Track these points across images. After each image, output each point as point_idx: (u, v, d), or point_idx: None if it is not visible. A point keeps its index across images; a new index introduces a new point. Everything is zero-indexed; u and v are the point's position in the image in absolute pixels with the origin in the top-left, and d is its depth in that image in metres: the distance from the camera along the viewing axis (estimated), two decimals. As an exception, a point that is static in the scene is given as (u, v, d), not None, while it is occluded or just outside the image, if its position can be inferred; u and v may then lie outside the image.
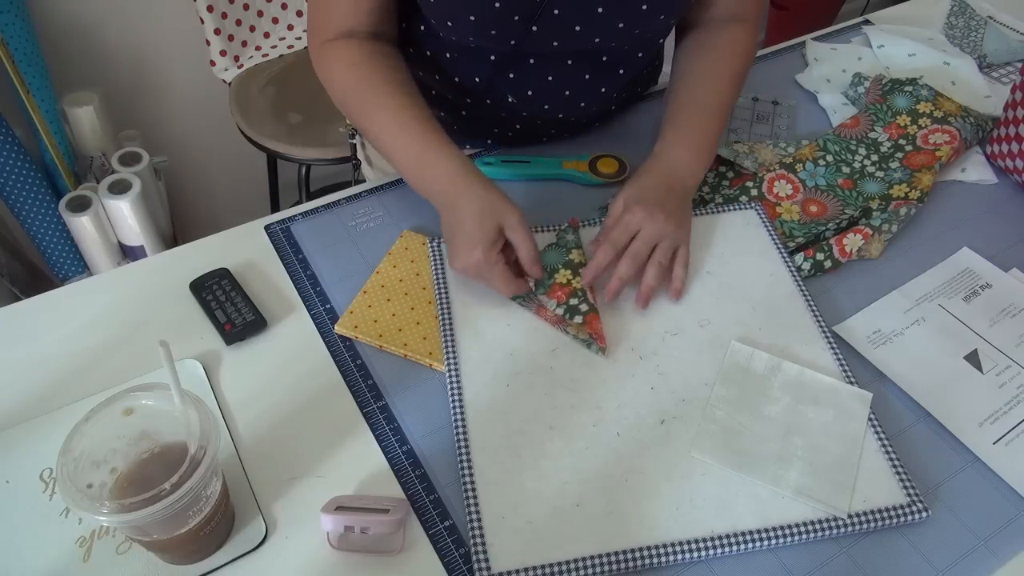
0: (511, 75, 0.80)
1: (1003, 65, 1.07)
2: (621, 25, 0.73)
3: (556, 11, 0.71)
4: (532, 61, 0.78)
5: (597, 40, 0.74)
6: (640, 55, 0.83)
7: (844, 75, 1.03)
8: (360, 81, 0.75)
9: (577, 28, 0.72)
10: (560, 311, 0.70)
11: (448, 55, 0.80)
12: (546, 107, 0.83)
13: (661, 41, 0.87)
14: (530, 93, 0.81)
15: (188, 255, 0.78)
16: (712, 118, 0.79)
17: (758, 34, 0.85)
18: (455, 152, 0.72)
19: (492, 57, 0.78)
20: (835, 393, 0.66)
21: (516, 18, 0.70)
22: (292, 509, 0.60)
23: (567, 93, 0.82)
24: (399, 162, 0.74)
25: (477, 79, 0.81)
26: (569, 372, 0.67)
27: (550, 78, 0.80)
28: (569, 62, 0.79)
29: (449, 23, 0.72)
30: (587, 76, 0.81)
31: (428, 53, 0.82)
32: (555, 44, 0.74)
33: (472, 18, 0.71)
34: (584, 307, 0.70)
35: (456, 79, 0.83)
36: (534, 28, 0.72)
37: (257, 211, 1.13)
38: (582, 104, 0.84)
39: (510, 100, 0.82)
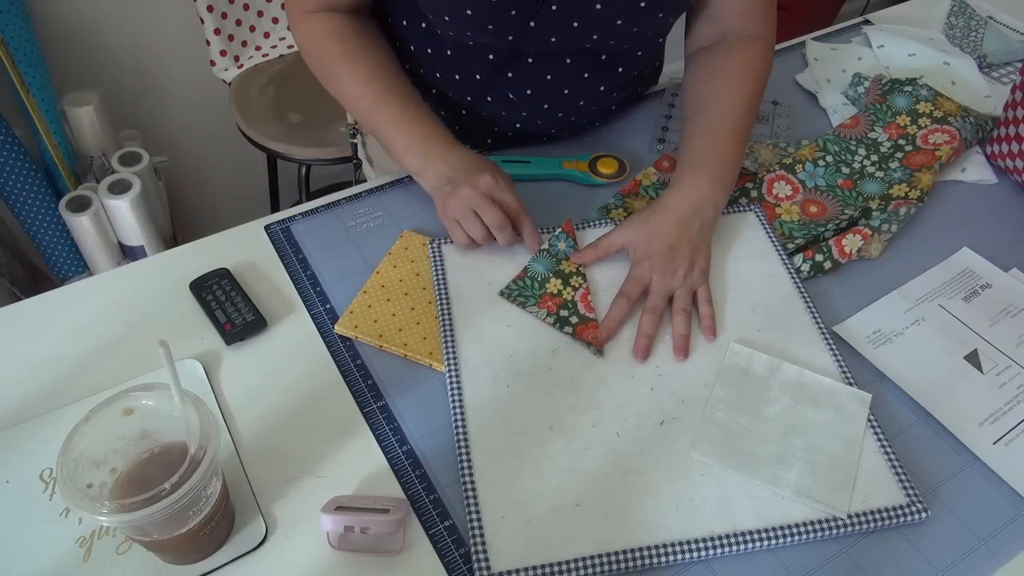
0: (510, 74, 0.80)
1: (1003, 65, 1.07)
2: (619, 22, 0.73)
3: (554, 6, 0.71)
4: (531, 60, 0.78)
5: (595, 37, 0.74)
6: (640, 54, 0.82)
7: (844, 75, 1.03)
8: (345, 53, 0.77)
9: (575, 24, 0.72)
10: (550, 321, 0.70)
11: (448, 53, 0.80)
12: (546, 106, 0.83)
13: (661, 40, 0.87)
14: (529, 92, 0.81)
15: (188, 255, 0.78)
16: (730, 146, 0.77)
17: (772, 51, 0.82)
18: (437, 120, 0.78)
19: (491, 56, 0.78)
20: (834, 394, 0.66)
21: (513, 13, 0.70)
22: (292, 509, 0.60)
23: (566, 92, 0.82)
24: (378, 126, 0.78)
25: (477, 76, 0.81)
26: (569, 373, 0.67)
27: (549, 77, 0.80)
28: (568, 61, 0.79)
29: (446, 18, 0.72)
30: (586, 75, 0.81)
31: (428, 51, 0.82)
32: (553, 40, 0.74)
33: (469, 12, 0.71)
34: (574, 319, 0.70)
35: (456, 77, 0.83)
36: (532, 23, 0.72)
37: (257, 211, 1.13)
38: (581, 103, 0.84)
39: (510, 98, 0.82)
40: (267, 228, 0.81)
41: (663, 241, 0.72)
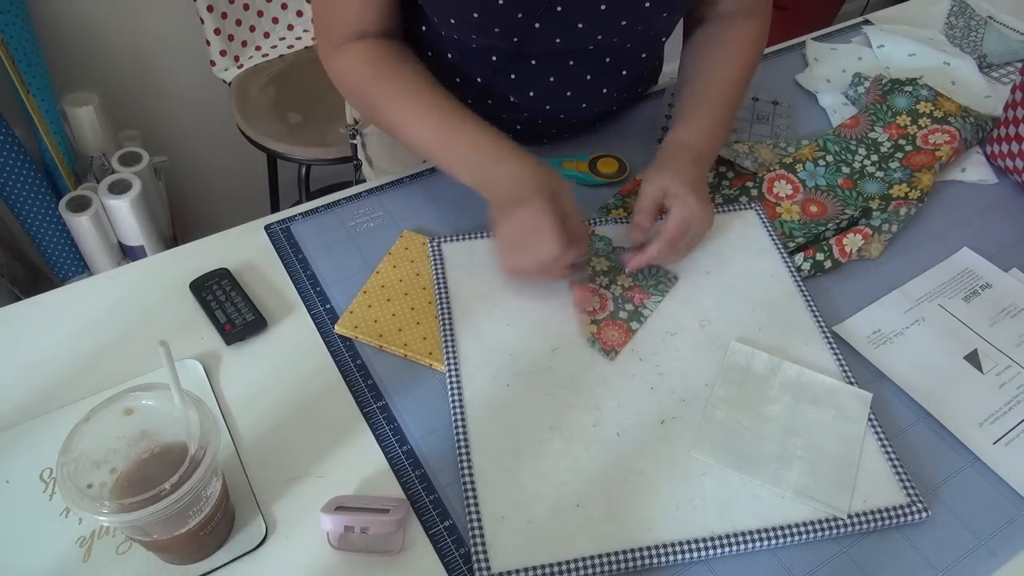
0: (512, 76, 0.80)
1: (1003, 65, 1.07)
2: (624, 22, 0.73)
3: (559, 8, 0.71)
4: (534, 62, 0.78)
5: (599, 37, 0.74)
6: (643, 55, 0.83)
7: (844, 75, 1.03)
8: (380, 75, 0.75)
9: (580, 25, 0.72)
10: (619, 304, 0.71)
11: (450, 55, 0.80)
12: (547, 108, 0.83)
13: (663, 40, 0.87)
14: (532, 94, 0.81)
15: (188, 255, 0.78)
16: (723, 107, 0.79)
17: (767, 27, 0.84)
18: (487, 127, 0.72)
19: (493, 58, 0.78)
20: (835, 393, 0.66)
21: (519, 15, 0.70)
22: (292, 509, 0.60)
23: (568, 94, 0.82)
24: (429, 148, 0.73)
25: (479, 79, 0.81)
26: (569, 372, 0.67)
27: (552, 79, 0.80)
28: (571, 63, 0.79)
29: (452, 21, 0.72)
30: (589, 77, 0.81)
31: (430, 54, 0.82)
32: (557, 41, 0.74)
33: (475, 15, 0.71)
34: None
35: (457, 79, 0.83)
36: (537, 25, 0.72)
37: (257, 211, 1.13)
38: (583, 105, 0.84)
39: (512, 100, 0.82)
40: (267, 228, 0.81)
41: (693, 181, 0.72)
